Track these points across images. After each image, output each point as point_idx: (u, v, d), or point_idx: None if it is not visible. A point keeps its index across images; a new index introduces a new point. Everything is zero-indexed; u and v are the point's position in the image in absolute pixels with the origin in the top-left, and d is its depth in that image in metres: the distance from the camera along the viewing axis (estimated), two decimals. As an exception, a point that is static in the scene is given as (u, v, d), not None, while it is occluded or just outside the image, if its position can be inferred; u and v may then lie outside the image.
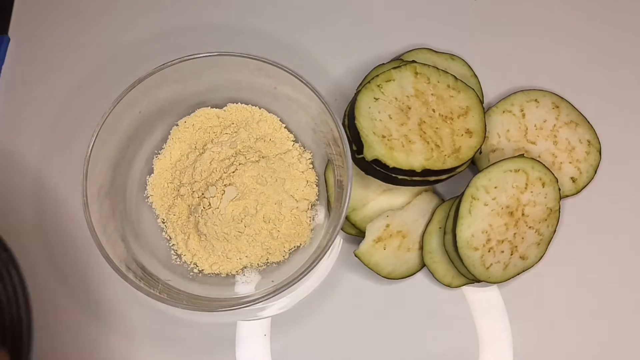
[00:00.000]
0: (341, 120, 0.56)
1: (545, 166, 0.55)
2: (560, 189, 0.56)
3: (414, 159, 0.53)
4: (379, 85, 0.54)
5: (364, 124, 0.53)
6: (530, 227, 0.55)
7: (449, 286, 0.57)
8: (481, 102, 0.57)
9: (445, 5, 0.67)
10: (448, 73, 0.56)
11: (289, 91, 0.57)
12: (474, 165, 0.60)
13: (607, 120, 0.62)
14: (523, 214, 0.55)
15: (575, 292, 0.58)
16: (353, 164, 0.54)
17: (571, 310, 0.58)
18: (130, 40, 0.66)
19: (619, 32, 0.66)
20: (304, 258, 0.55)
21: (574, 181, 0.59)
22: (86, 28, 0.67)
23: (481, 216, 0.54)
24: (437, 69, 0.56)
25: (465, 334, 0.57)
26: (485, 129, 0.56)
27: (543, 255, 0.57)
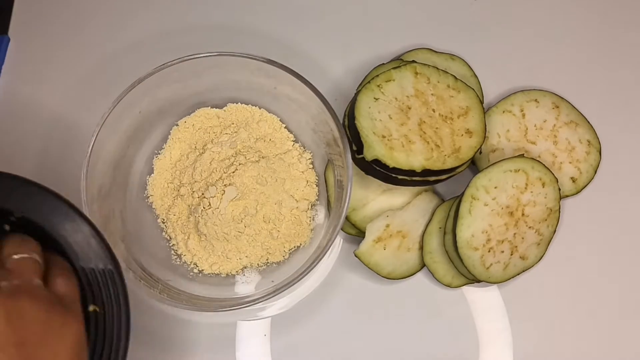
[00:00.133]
0: (341, 120, 0.56)
1: (545, 166, 0.55)
2: (560, 189, 0.56)
3: (414, 159, 0.52)
4: (379, 85, 0.54)
5: (364, 124, 0.53)
6: (530, 227, 0.55)
7: (449, 286, 0.57)
8: (481, 102, 0.57)
9: (445, 5, 0.67)
10: (448, 73, 0.56)
11: (289, 91, 0.57)
12: (474, 165, 0.60)
13: (607, 120, 0.62)
14: (523, 214, 0.55)
15: (575, 292, 0.58)
16: (353, 164, 0.54)
17: (571, 310, 0.58)
18: (130, 40, 0.66)
19: (619, 32, 0.66)
20: (304, 258, 0.55)
21: (574, 181, 0.59)
22: (86, 28, 0.67)
23: (481, 216, 0.54)
24: (437, 69, 0.56)
25: (465, 334, 0.57)
26: (485, 129, 0.56)
27: (543, 255, 0.57)
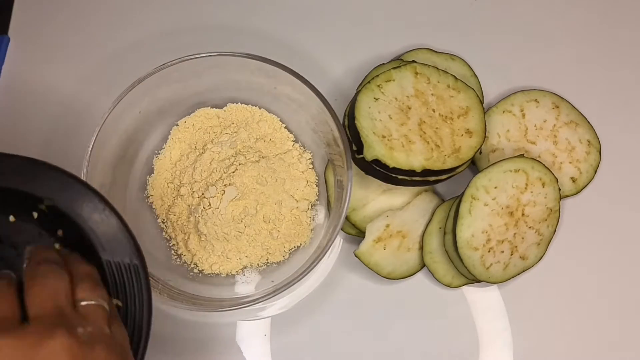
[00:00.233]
0: (341, 120, 0.56)
1: (545, 166, 0.55)
2: (560, 189, 0.56)
3: (414, 159, 0.52)
4: (379, 85, 0.54)
5: (364, 124, 0.53)
6: (530, 227, 0.55)
7: (449, 286, 0.57)
8: (481, 102, 0.57)
9: (445, 5, 0.67)
10: (448, 73, 0.56)
11: (289, 91, 0.57)
12: (474, 165, 0.60)
13: (607, 120, 0.62)
14: (523, 214, 0.55)
15: (575, 292, 0.58)
16: (353, 164, 0.54)
17: (571, 310, 0.58)
18: (130, 40, 0.66)
19: (619, 32, 0.66)
20: (304, 258, 0.55)
21: (574, 181, 0.59)
22: (86, 28, 0.67)
23: (481, 216, 0.54)
24: (437, 69, 0.56)
25: (465, 334, 0.57)
26: (485, 129, 0.56)
27: (543, 255, 0.57)
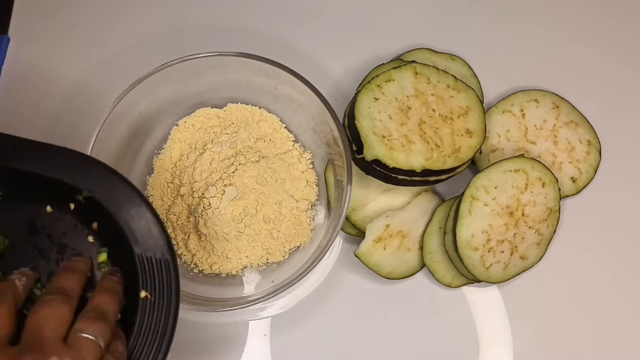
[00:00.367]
0: (341, 120, 0.56)
1: (545, 166, 0.55)
2: (560, 189, 0.56)
3: (414, 159, 0.52)
4: (379, 85, 0.54)
5: (364, 124, 0.53)
6: (530, 227, 0.55)
7: (449, 286, 0.57)
8: (481, 102, 0.57)
9: (445, 5, 0.67)
10: (448, 73, 0.56)
11: (289, 91, 0.57)
12: (474, 165, 0.60)
13: (607, 120, 0.62)
14: (523, 214, 0.55)
15: (575, 292, 0.58)
16: (353, 164, 0.54)
17: (571, 310, 0.58)
18: (130, 40, 0.66)
19: (619, 32, 0.66)
20: (304, 258, 0.55)
21: (574, 181, 0.59)
22: (86, 28, 0.67)
23: (481, 216, 0.54)
24: (437, 69, 0.56)
25: (465, 334, 0.57)
26: (485, 129, 0.56)
27: (543, 255, 0.57)
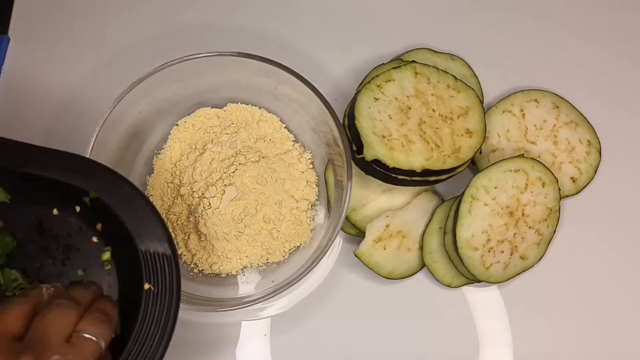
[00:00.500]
0: (341, 120, 0.56)
1: (545, 166, 0.55)
2: (560, 189, 0.56)
3: (414, 159, 0.52)
4: (379, 85, 0.54)
5: (364, 124, 0.53)
6: (530, 227, 0.55)
7: (449, 286, 0.57)
8: (481, 102, 0.57)
9: (445, 5, 0.67)
10: (448, 73, 0.56)
11: (289, 91, 0.57)
12: (474, 165, 0.60)
13: (607, 120, 0.62)
14: (523, 214, 0.55)
15: (575, 292, 0.58)
16: (353, 164, 0.54)
17: (571, 310, 0.58)
18: (130, 40, 0.66)
19: (619, 32, 0.66)
20: (304, 258, 0.55)
21: (574, 181, 0.59)
22: (86, 28, 0.67)
23: (481, 216, 0.54)
24: (437, 69, 0.56)
25: (465, 334, 0.57)
26: (485, 129, 0.56)
27: (543, 255, 0.56)
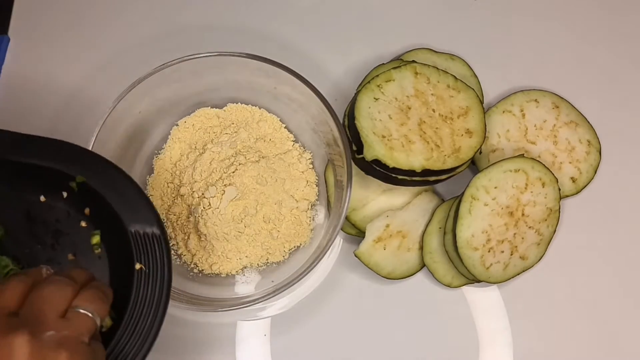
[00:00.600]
0: (341, 120, 0.56)
1: (545, 166, 0.55)
2: (560, 189, 0.56)
3: (414, 159, 0.52)
4: (379, 85, 0.54)
5: (364, 124, 0.53)
6: (530, 227, 0.55)
7: (449, 286, 0.57)
8: (481, 102, 0.57)
9: (445, 5, 0.67)
10: (448, 73, 0.56)
11: (289, 91, 0.57)
12: (474, 165, 0.60)
13: (607, 120, 0.62)
14: (523, 214, 0.55)
15: (575, 292, 0.58)
16: (353, 164, 0.54)
17: (571, 310, 0.58)
18: (130, 40, 0.66)
19: (619, 32, 0.66)
20: (304, 258, 0.55)
21: (574, 181, 0.59)
22: (86, 28, 0.67)
23: (481, 216, 0.54)
24: (437, 69, 0.56)
25: (465, 334, 0.57)
26: (485, 129, 0.56)
27: (543, 255, 0.57)
